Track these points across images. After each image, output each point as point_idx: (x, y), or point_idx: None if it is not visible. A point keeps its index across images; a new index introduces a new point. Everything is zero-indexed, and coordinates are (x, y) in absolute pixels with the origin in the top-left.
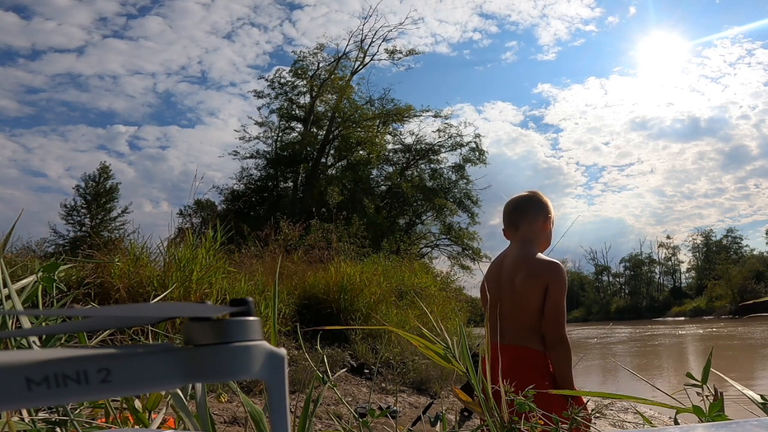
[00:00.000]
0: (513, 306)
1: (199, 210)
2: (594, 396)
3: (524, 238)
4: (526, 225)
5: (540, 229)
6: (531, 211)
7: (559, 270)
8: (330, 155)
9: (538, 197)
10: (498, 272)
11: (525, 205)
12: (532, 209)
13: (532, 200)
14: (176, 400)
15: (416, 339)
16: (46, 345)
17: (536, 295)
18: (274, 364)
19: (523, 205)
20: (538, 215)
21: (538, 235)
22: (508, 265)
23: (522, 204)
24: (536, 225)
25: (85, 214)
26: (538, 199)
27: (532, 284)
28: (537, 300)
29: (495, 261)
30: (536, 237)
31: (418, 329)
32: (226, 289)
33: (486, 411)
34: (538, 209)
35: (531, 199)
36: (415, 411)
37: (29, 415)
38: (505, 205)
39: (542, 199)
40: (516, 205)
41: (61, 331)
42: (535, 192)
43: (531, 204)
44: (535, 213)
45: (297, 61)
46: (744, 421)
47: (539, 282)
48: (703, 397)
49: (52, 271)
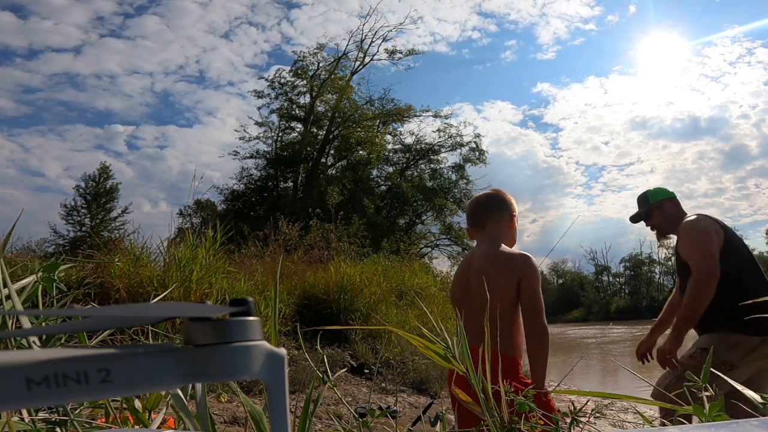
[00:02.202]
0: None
1: (199, 210)
2: (594, 396)
3: (491, 236)
4: (493, 224)
5: (506, 227)
6: (496, 209)
7: (531, 261)
8: (330, 155)
9: (502, 196)
10: (467, 275)
11: (490, 204)
12: (498, 208)
13: (496, 199)
14: (176, 400)
15: (416, 339)
16: (46, 345)
17: (510, 290)
18: (274, 364)
19: (487, 204)
20: (504, 214)
21: (505, 234)
22: (476, 265)
23: (487, 203)
24: (502, 224)
25: (85, 214)
26: (502, 198)
27: (504, 279)
28: (511, 295)
29: (462, 264)
30: (503, 235)
31: (418, 329)
32: (226, 289)
33: (486, 411)
34: (503, 208)
35: (495, 197)
36: (415, 411)
37: (29, 415)
38: (469, 204)
39: (506, 197)
40: (480, 204)
41: (61, 331)
42: (498, 190)
43: (496, 203)
44: (501, 212)
45: (297, 61)
46: (744, 421)
47: (512, 276)
48: (703, 397)
49: (52, 271)
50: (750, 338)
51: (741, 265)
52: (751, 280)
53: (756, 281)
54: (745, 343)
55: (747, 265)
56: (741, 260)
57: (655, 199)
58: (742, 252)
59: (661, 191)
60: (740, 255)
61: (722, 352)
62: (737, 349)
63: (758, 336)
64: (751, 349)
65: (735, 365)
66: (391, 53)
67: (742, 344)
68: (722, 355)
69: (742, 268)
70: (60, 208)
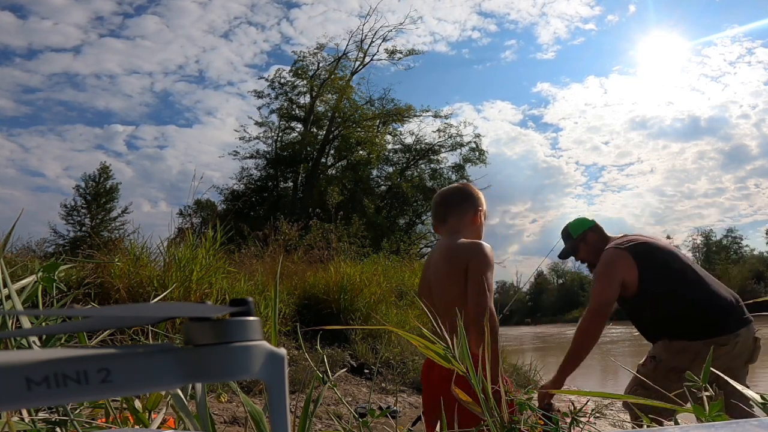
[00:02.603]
0: (440, 305)
1: (199, 210)
2: (594, 396)
3: (452, 230)
4: (455, 218)
5: (469, 222)
6: (460, 203)
7: (480, 247)
8: (330, 155)
9: (469, 189)
10: (427, 271)
11: (454, 198)
12: (461, 201)
13: (461, 192)
14: (176, 400)
15: (416, 339)
16: (46, 345)
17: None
18: (274, 364)
19: (451, 197)
20: (468, 208)
21: (468, 229)
22: (434, 260)
23: (451, 196)
24: (466, 218)
25: (85, 214)
26: (468, 192)
27: (452, 269)
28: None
29: (426, 260)
30: (465, 230)
31: (418, 329)
32: (226, 289)
33: (486, 411)
34: (467, 201)
35: (460, 191)
36: (415, 411)
37: (29, 415)
38: (434, 197)
39: (473, 191)
40: (444, 197)
41: (61, 331)
42: (465, 184)
43: (460, 196)
44: (465, 205)
45: (297, 61)
46: (744, 421)
47: (459, 264)
48: (703, 397)
49: (52, 271)
50: (692, 343)
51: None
52: (688, 292)
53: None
54: (690, 348)
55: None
56: (672, 277)
57: (577, 232)
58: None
59: (581, 222)
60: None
61: (670, 359)
62: (684, 354)
63: (700, 340)
64: (696, 354)
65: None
66: (391, 53)
67: (687, 349)
68: (670, 362)
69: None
70: (60, 208)
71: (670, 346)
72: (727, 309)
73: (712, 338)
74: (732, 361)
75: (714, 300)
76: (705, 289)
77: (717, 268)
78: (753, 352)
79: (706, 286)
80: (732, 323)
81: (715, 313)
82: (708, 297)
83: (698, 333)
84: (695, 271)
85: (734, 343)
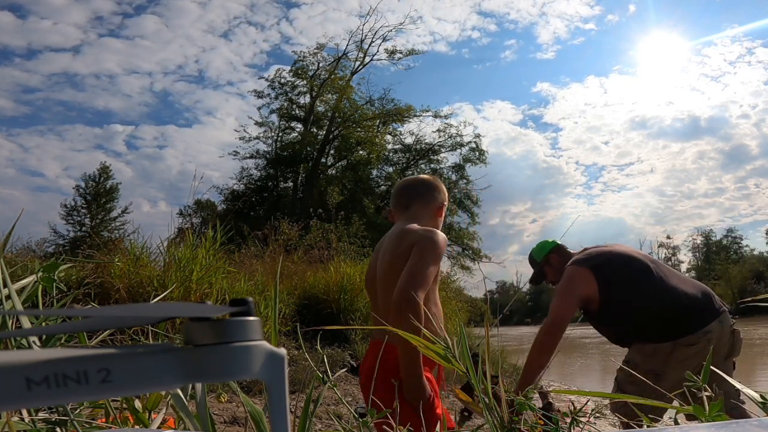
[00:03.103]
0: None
1: (199, 210)
2: (594, 396)
3: (411, 217)
4: (418, 206)
5: (433, 213)
6: (424, 192)
7: (431, 233)
8: (330, 155)
9: (437, 182)
10: (374, 260)
11: (421, 187)
12: (428, 191)
13: (429, 183)
14: (176, 400)
15: (416, 339)
16: (46, 345)
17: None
18: (274, 364)
19: (420, 186)
20: (435, 200)
21: (429, 220)
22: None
23: (419, 185)
24: (429, 209)
25: (85, 214)
26: (436, 184)
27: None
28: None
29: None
30: (425, 220)
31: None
32: (226, 289)
33: (486, 410)
34: (434, 193)
35: (429, 182)
36: None
37: (29, 415)
38: (397, 184)
39: (440, 185)
40: (411, 184)
41: (61, 331)
42: (434, 177)
43: (428, 186)
44: (431, 196)
45: (297, 61)
46: (744, 421)
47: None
48: (703, 397)
49: (52, 271)
50: (661, 345)
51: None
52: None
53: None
54: (661, 351)
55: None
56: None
57: (540, 256)
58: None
59: (542, 246)
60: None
61: (642, 362)
62: (655, 356)
63: (668, 341)
64: (667, 355)
65: (660, 372)
66: (391, 53)
67: (658, 352)
68: (644, 365)
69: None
70: (60, 208)
71: (642, 350)
72: (690, 308)
73: (677, 339)
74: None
75: (676, 301)
76: (666, 291)
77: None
78: (732, 345)
79: (668, 287)
80: (697, 321)
81: (678, 314)
82: (670, 299)
83: (664, 335)
84: (656, 273)
85: (706, 340)
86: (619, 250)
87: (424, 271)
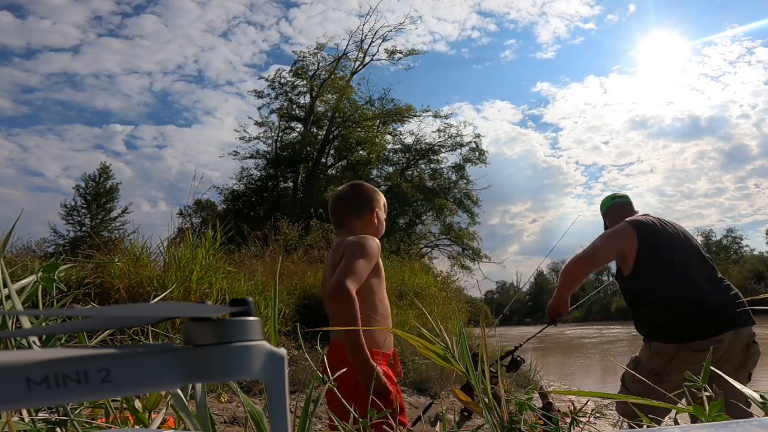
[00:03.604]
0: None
1: (199, 210)
2: (594, 396)
3: (348, 233)
4: (350, 224)
5: (365, 223)
6: (351, 210)
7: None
8: (330, 155)
9: (361, 191)
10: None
11: (347, 205)
12: (354, 208)
13: (353, 197)
14: (176, 400)
15: (416, 339)
16: (46, 345)
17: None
18: (274, 364)
19: (345, 205)
20: (362, 212)
21: (365, 231)
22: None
23: (344, 204)
24: (361, 221)
25: (85, 214)
26: (359, 194)
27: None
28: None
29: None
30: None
31: (417, 329)
32: (226, 289)
33: (486, 410)
34: (361, 205)
35: (353, 197)
36: (415, 411)
37: (29, 415)
38: (330, 202)
39: (365, 191)
40: (338, 204)
41: (61, 331)
42: (359, 185)
43: (353, 202)
44: (358, 211)
45: (297, 61)
46: (744, 421)
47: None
48: (703, 397)
49: (52, 271)
50: (667, 345)
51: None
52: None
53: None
54: (665, 351)
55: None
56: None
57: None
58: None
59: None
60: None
61: (647, 360)
62: (659, 356)
63: (675, 343)
64: (672, 356)
65: (662, 373)
66: (391, 53)
67: (662, 352)
68: (648, 364)
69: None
70: (60, 208)
71: (648, 348)
72: (707, 312)
73: (685, 342)
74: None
75: (697, 301)
76: (691, 288)
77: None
78: (746, 359)
79: (694, 285)
80: (710, 328)
81: (690, 316)
82: (691, 298)
83: (672, 335)
84: (691, 266)
85: (716, 348)
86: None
87: (355, 265)
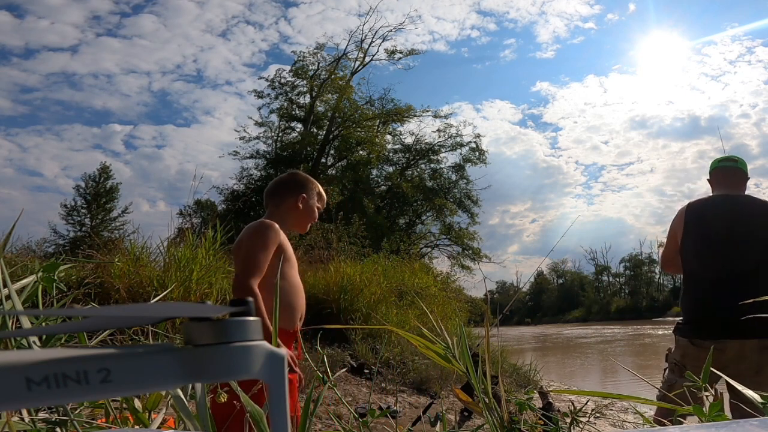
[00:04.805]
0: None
1: (199, 210)
2: (594, 396)
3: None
4: (272, 206)
5: (290, 208)
6: (276, 191)
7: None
8: (330, 155)
9: (289, 178)
10: None
11: (277, 186)
12: (279, 190)
13: (286, 181)
14: (176, 400)
15: (416, 339)
16: (46, 345)
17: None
18: (274, 364)
19: (275, 185)
20: (287, 196)
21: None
22: None
23: (274, 185)
24: (284, 206)
25: (85, 214)
26: (287, 180)
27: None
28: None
29: None
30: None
31: (418, 329)
32: (226, 289)
33: (486, 410)
34: (290, 188)
35: (285, 180)
36: (415, 411)
37: (29, 415)
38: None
39: (294, 178)
40: (270, 186)
41: (61, 331)
42: (294, 172)
43: (278, 185)
44: (282, 193)
45: (297, 61)
46: (744, 421)
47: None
48: (703, 397)
49: (52, 271)
50: (680, 339)
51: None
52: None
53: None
54: (679, 344)
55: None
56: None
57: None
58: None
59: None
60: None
61: (674, 352)
62: (678, 349)
63: (685, 338)
64: (683, 350)
65: (681, 366)
66: (391, 53)
67: (678, 344)
68: (674, 356)
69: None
70: (60, 208)
71: (676, 340)
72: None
73: (690, 338)
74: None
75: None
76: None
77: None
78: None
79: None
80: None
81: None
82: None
83: (682, 329)
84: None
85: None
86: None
87: (253, 261)
